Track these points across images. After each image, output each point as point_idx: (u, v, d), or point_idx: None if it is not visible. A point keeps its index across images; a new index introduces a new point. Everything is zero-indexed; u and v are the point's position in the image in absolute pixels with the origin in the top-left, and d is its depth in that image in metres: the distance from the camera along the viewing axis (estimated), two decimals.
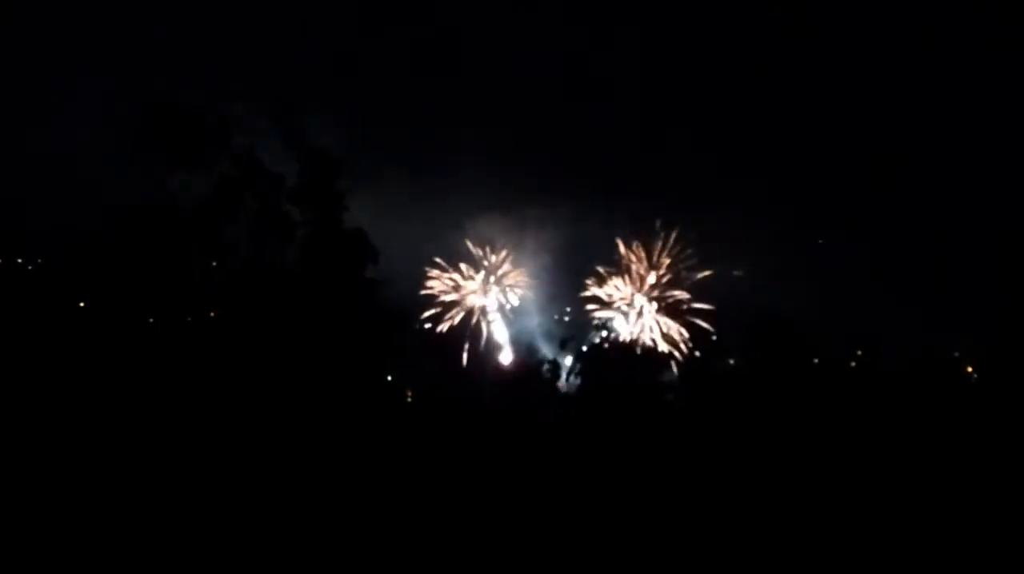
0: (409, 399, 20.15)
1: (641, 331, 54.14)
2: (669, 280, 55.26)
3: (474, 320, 55.06)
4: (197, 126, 7.13)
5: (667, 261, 55.03)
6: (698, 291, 56.03)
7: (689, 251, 55.20)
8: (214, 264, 8.58)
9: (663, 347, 52.16)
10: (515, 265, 56.16)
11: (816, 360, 21.30)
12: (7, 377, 11.59)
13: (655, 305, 54.80)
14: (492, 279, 56.06)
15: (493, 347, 54.44)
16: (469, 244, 56.15)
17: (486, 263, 56.13)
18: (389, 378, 15.73)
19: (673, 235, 54.69)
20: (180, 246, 8.05)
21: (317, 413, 9.75)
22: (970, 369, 23.97)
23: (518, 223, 55.12)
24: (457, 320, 54.62)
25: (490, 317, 55.01)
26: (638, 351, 23.90)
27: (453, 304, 55.21)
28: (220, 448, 9.95)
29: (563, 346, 40.69)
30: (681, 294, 54.35)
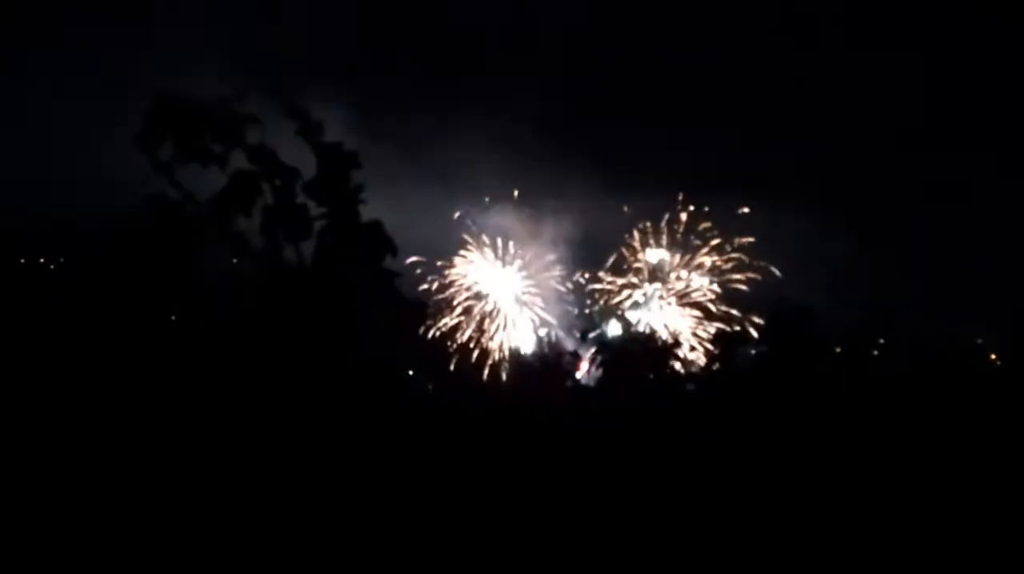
0: (431, 391, 20.19)
1: (663, 320, 54.04)
2: (697, 269, 55.07)
3: (492, 311, 55.07)
4: (209, 120, 7.10)
5: (704, 258, 54.79)
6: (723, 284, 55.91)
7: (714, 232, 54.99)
8: (234, 261, 8.57)
9: (685, 336, 52.06)
10: (533, 255, 56.10)
11: (838, 349, 21.13)
12: (30, 377, 11.64)
13: (675, 295, 54.63)
14: (510, 269, 55.97)
15: (513, 339, 54.42)
16: (483, 237, 56.09)
17: (502, 253, 56.09)
18: (411, 372, 15.71)
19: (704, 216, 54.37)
20: (197, 242, 8.03)
21: (340, 408, 9.73)
22: (994, 356, 23.75)
23: (534, 213, 54.91)
24: (475, 311, 54.64)
25: (509, 308, 54.92)
26: (659, 342, 23.77)
27: (470, 296, 55.23)
28: (243, 444, 9.95)
29: (583, 338, 40.73)
30: (706, 287, 54.18)
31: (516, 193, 56.82)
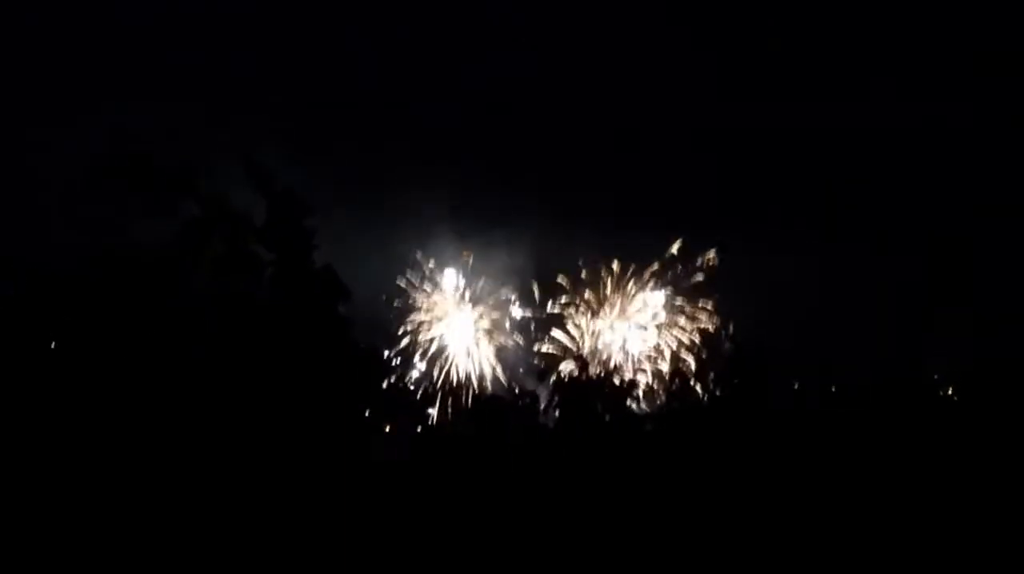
0: (387, 433, 19.97)
1: (621, 358, 54.03)
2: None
3: (445, 353, 54.53)
4: (158, 169, 6.99)
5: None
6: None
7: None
8: (184, 308, 8.42)
9: (642, 376, 52.07)
10: (484, 292, 55.61)
11: (796, 386, 21.29)
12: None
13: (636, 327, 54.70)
14: (462, 308, 55.48)
15: (467, 381, 54.00)
16: (428, 273, 55.47)
17: (454, 293, 55.58)
18: (367, 413, 15.57)
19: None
20: (147, 292, 7.88)
21: (296, 455, 9.61)
22: (950, 391, 23.97)
23: (483, 247, 54.27)
24: (428, 353, 54.07)
25: (462, 349, 54.48)
26: (616, 382, 23.78)
27: (422, 338, 54.61)
28: (200, 485, 9.81)
29: (541, 378, 40.64)
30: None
31: (463, 229, 56.31)
